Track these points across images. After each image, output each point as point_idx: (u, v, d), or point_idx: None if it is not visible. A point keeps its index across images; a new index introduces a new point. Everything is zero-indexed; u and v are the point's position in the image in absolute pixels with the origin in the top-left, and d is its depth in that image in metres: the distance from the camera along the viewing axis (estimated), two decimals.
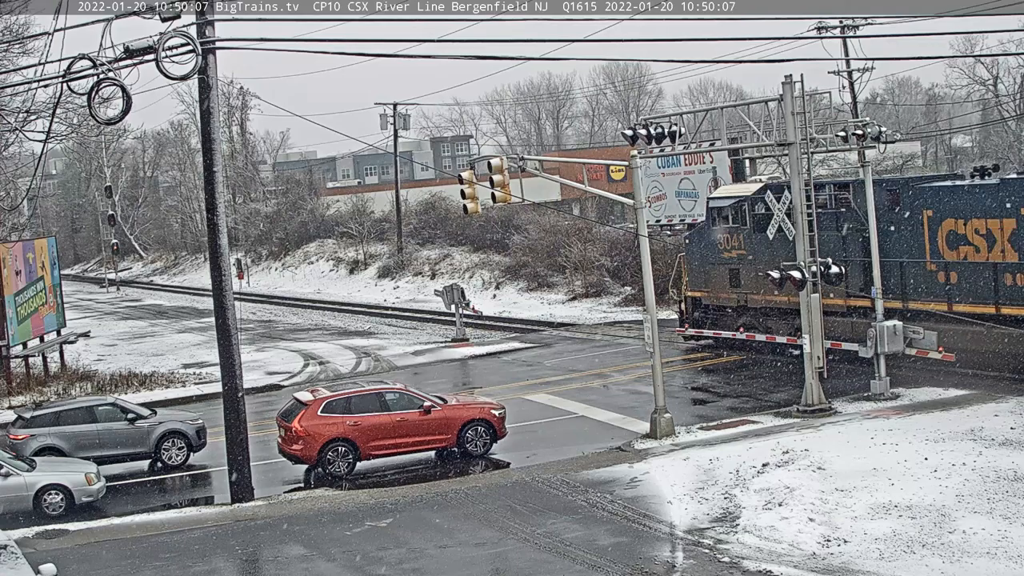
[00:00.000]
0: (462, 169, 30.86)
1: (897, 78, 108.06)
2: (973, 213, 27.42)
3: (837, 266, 25.83)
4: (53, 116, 29.51)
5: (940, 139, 75.75)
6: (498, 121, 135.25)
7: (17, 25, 38.66)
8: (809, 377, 25.51)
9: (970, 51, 71.66)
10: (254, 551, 19.41)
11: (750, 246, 33.21)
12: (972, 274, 27.53)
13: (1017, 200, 26.47)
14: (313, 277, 74.84)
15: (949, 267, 28.04)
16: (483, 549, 18.40)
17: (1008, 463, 19.79)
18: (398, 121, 66.17)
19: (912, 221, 29.02)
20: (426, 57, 23.26)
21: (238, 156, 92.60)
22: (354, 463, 24.20)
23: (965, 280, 27.71)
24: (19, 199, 49.49)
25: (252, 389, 31.15)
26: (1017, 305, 26.44)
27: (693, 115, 37.22)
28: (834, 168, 52.37)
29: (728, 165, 48.28)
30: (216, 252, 22.23)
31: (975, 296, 27.37)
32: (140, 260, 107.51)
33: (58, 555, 18.67)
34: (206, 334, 47.50)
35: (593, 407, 29.05)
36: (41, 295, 38.94)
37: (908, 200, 29.20)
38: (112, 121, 20.24)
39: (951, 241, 28.04)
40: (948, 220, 28.06)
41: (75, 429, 25.49)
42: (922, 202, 28.80)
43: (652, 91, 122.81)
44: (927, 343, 27.33)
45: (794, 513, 18.35)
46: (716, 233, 34.71)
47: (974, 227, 27.42)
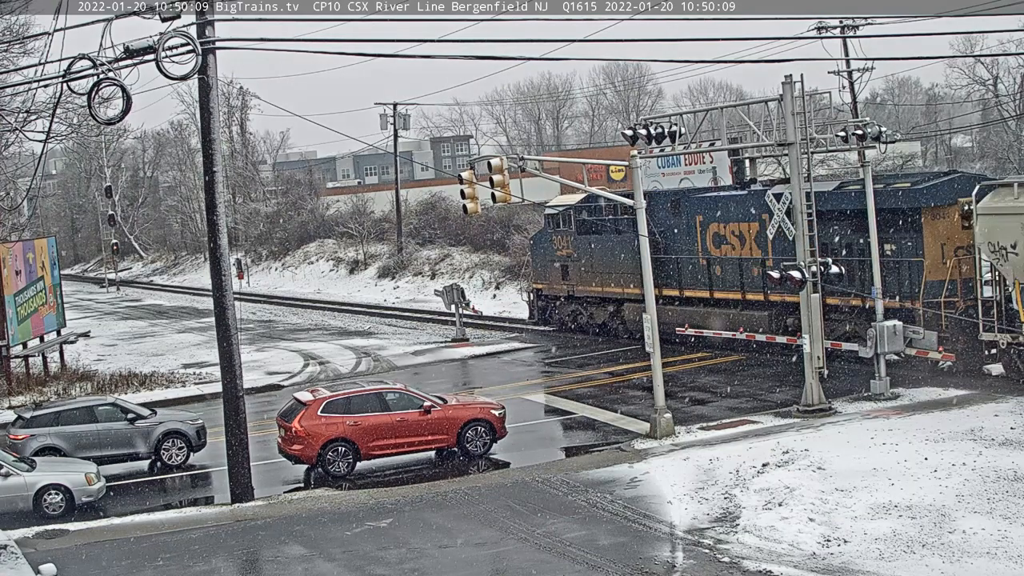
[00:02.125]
0: (462, 169, 30.79)
1: (897, 78, 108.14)
2: (730, 218, 33.73)
3: (837, 266, 25.87)
4: (53, 116, 29.60)
5: (940, 139, 75.74)
6: (498, 121, 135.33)
7: (17, 25, 38.71)
8: (809, 377, 25.52)
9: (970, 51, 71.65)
10: (254, 551, 19.42)
11: (576, 246, 40.20)
12: (729, 267, 34.03)
13: (760, 207, 31.76)
14: (313, 277, 74.83)
15: (713, 262, 34.62)
16: (483, 549, 18.40)
17: (1008, 463, 19.80)
18: (398, 121, 66.16)
19: (688, 224, 35.59)
20: (426, 57, 23.27)
21: (238, 156, 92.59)
22: (354, 463, 24.20)
23: (724, 272, 34.33)
24: (19, 199, 49.52)
25: (252, 389, 31.14)
26: (756, 292, 33.07)
27: (693, 115, 37.24)
28: (834, 168, 52.40)
29: (728, 165, 48.24)
30: (216, 252, 22.22)
31: (730, 285, 34.00)
32: (140, 260, 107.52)
33: (58, 555, 18.68)
34: (206, 334, 47.51)
35: (593, 407, 29.06)
36: (41, 295, 38.94)
37: (685, 207, 35.71)
38: (112, 121, 20.20)
39: (715, 241, 34.58)
40: (713, 224, 34.60)
41: (75, 429, 25.48)
42: (695, 209, 35.23)
43: (652, 91, 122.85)
44: (927, 343, 27.40)
45: (794, 513, 18.36)
46: (551, 236, 41.69)
47: (731, 229, 33.75)
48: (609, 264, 38.72)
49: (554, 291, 42.14)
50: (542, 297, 43.10)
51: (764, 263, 31.99)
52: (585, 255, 39.83)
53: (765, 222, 31.44)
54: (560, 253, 41.16)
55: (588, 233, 39.68)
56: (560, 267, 41.25)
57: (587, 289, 40.15)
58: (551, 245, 41.75)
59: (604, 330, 39.96)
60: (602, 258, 39.11)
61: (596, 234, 39.50)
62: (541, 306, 43.20)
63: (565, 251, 40.85)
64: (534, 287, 43.86)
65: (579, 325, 41.40)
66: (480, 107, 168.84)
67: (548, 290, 42.52)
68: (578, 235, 40.09)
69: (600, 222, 39.70)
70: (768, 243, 32.15)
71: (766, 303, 32.77)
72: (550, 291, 42.43)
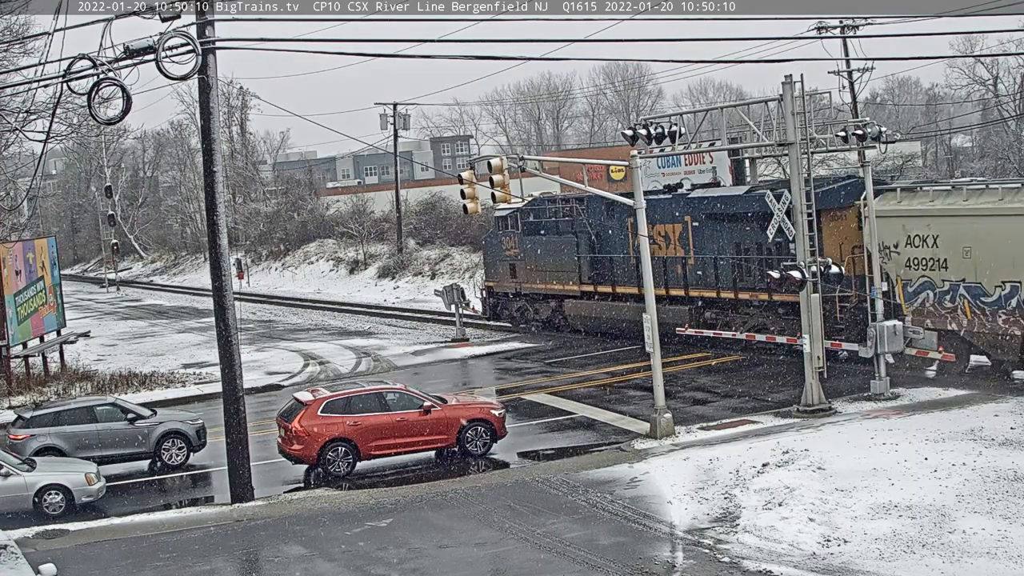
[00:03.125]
0: (462, 169, 30.85)
1: (897, 78, 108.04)
2: (657, 220, 35.02)
3: (836, 266, 25.88)
4: (53, 116, 29.60)
5: (940, 139, 75.67)
6: (498, 121, 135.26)
7: (17, 25, 38.70)
8: (809, 377, 25.51)
9: (970, 51, 71.61)
10: (254, 551, 19.41)
11: (522, 247, 42.79)
12: (656, 266, 33.53)
13: (683, 210, 35.12)
14: (313, 277, 74.83)
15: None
16: (483, 549, 18.40)
17: (1008, 463, 19.80)
18: (398, 121, 66.15)
19: (620, 226, 37.76)
20: (426, 57, 23.26)
21: (238, 156, 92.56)
22: (354, 463, 24.19)
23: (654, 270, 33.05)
24: (19, 199, 49.51)
25: (252, 389, 31.14)
26: (681, 287, 35.69)
27: (693, 115, 37.30)
28: (834, 168, 52.38)
29: (728, 165, 48.25)
30: (216, 252, 22.22)
31: (663, 282, 35.25)
32: (140, 260, 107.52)
33: (58, 555, 18.68)
34: (206, 334, 47.50)
35: (594, 407, 29.06)
36: (41, 295, 38.95)
37: (617, 210, 37.20)
38: (112, 121, 20.21)
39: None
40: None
41: (75, 429, 25.48)
42: (626, 211, 35.98)
43: (652, 91, 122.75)
44: (927, 343, 27.40)
45: (794, 513, 18.36)
46: (501, 237, 44.24)
47: (658, 230, 35.44)
48: (551, 263, 41.30)
49: (504, 288, 44.59)
50: (493, 294, 45.51)
51: (686, 261, 35.28)
52: (530, 255, 42.39)
53: (687, 223, 35.12)
54: (508, 253, 43.69)
55: (533, 234, 42.23)
56: (509, 266, 43.72)
57: (532, 287, 42.61)
58: (500, 246, 44.30)
59: (548, 325, 42.68)
60: (545, 258, 41.64)
61: (540, 235, 42.00)
62: (492, 303, 45.62)
63: (513, 251, 43.40)
64: (486, 285, 46.18)
65: (526, 320, 43.98)
66: (480, 107, 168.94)
67: (498, 287, 44.97)
68: (524, 236, 42.64)
69: (544, 224, 42.22)
70: (690, 242, 35.19)
71: (687, 298, 35.62)
72: (500, 288, 44.87)
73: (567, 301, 41.06)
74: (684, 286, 35.65)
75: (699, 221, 34.89)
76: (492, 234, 45.72)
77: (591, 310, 39.51)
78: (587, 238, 39.41)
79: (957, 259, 27.07)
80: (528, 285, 42.89)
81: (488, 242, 46.03)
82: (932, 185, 30.41)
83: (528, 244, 42.44)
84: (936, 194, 28.60)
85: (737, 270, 33.72)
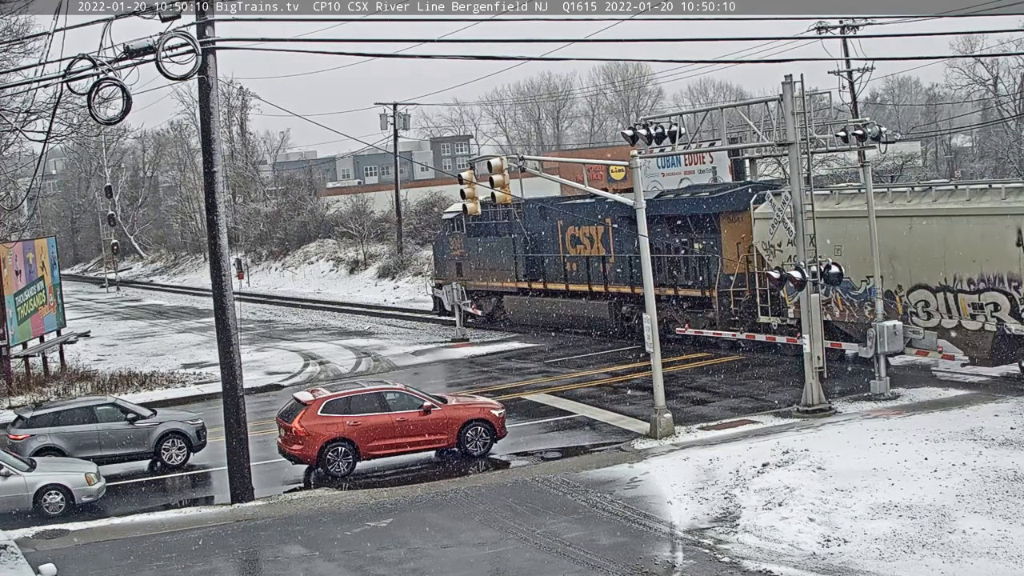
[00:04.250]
0: (462, 169, 30.90)
1: (897, 78, 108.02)
2: (583, 222, 39.27)
3: (836, 266, 25.88)
4: (53, 116, 29.56)
5: (940, 139, 75.69)
6: (498, 121, 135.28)
7: (17, 25, 38.69)
8: (809, 377, 25.51)
9: (970, 51, 71.68)
10: (254, 551, 19.42)
11: (466, 247, 46.12)
12: (581, 264, 39.79)
13: (604, 213, 37.92)
14: (313, 277, 74.82)
15: (568, 259, 40.55)
16: (483, 549, 18.40)
17: (1008, 463, 19.79)
18: (398, 121, 66.12)
19: (552, 228, 41.42)
20: (426, 57, 23.25)
21: (238, 156, 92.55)
22: (354, 463, 24.19)
23: (577, 268, 40.17)
24: (19, 199, 49.47)
25: (252, 389, 31.14)
26: (601, 284, 38.86)
27: (693, 115, 37.22)
28: (834, 168, 52.37)
29: (728, 165, 48.28)
30: (216, 252, 22.22)
31: (586, 279, 39.52)
32: (140, 260, 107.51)
33: (58, 555, 18.68)
34: (206, 334, 47.49)
35: (594, 407, 29.06)
36: (41, 295, 38.94)
37: (549, 213, 41.41)
38: (112, 121, 20.21)
39: (572, 241, 40.42)
40: (571, 227, 40.35)
41: (75, 429, 25.47)
42: (556, 214, 40.94)
43: (652, 91, 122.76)
44: (927, 343, 27.40)
45: (794, 513, 18.36)
46: (448, 238, 47.69)
47: (584, 232, 39.44)
48: (492, 262, 44.68)
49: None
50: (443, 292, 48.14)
51: (606, 260, 38.70)
52: (474, 255, 45.84)
53: (608, 225, 38.29)
54: (454, 253, 47.09)
55: (476, 236, 45.61)
56: (455, 265, 47.05)
57: (476, 284, 45.58)
58: (448, 246, 47.76)
59: (490, 319, 45.75)
60: (487, 257, 45.09)
61: (482, 236, 45.35)
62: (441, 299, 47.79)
63: (458, 251, 46.80)
64: (436, 283, 49.37)
65: (471, 315, 45.56)
66: (480, 107, 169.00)
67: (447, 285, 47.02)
68: (468, 237, 46.04)
69: (486, 225, 45.17)
70: (611, 242, 38.36)
71: (607, 294, 38.92)
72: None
73: (506, 297, 44.44)
74: (604, 283, 38.85)
75: (618, 223, 37.65)
76: (441, 235, 49.19)
77: (526, 305, 43.00)
78: (523, 240, 42.80)
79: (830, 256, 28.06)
80: (472, 282, 45.54)
81: (437, 243, 49.61)
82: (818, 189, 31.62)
83: (472, 245, 45.79)
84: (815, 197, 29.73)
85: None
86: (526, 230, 42.56)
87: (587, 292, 39.61)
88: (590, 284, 39.49)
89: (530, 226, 42.52)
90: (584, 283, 39.77)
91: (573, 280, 40.57)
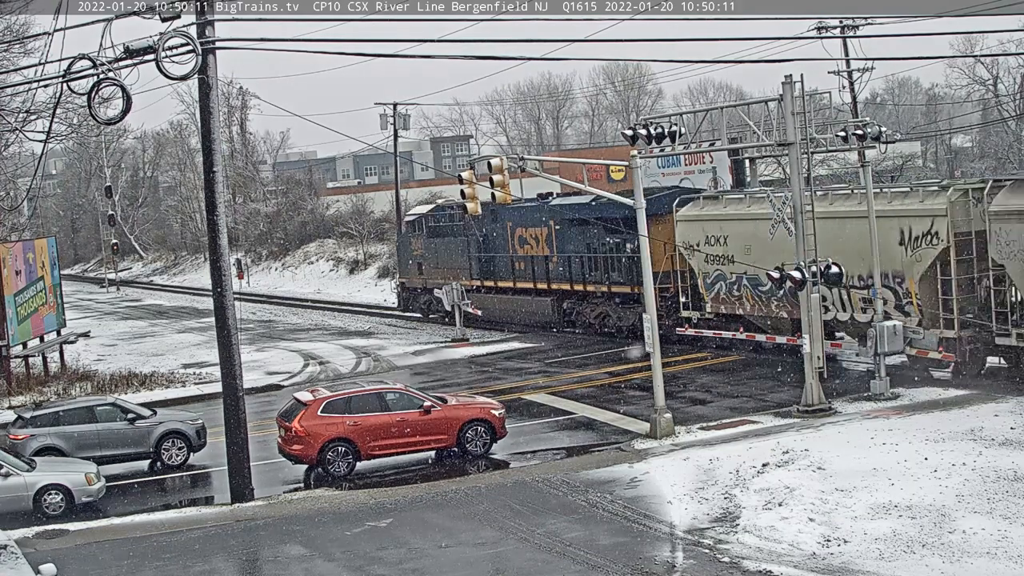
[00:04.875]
0: (462, 169, 30.96)
1: (897, 78, 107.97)
2: (530, 224, 42.12)
3: (836, 266, 25.87)
4: (53, 116, 29.57)
5: (940, 139, 75.67)
6: (498, 121, 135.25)
7: (17, 25, 38.69)
8: (809, 377, 25.50)
9: (970, 51, 71.67)
10: (254, 551, 19.42)
11: (426, 248, 48.78)
12: (527, 263, 42.67)
13: (547, 216, 40.98)
14: (313, 277, 74.82)
15: (516, 259, 43.34)
16: (483, 549, 18.40)
17: (1008, 463, 19.79)
18: (398, 121, 66.06)
19: (502, 230, 43.92)
20: (426, 57, 23.25)
21: (238, 156, 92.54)
22: (354, 463, 24.19)
23: (525, 267, 42.90)
24: (19, 199, 49.48)
25: (252, 389, 31.13)
26: (545, 282, 41.73)
27: (693, 115, 37.27)
28: (834, 168, 52.38)
29: (728, 165, 48.26)
30: (216, 252, 22.22)
31: (531, 277, 42.40)
32: (140, 260, 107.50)
33: (58, 555, 18.67)
34: (206, 334, 47.49)
35: (593, 407, 29.05)
36: (41, 295, 38.94)
37: (500, 216, 43.33)
38: (112, 121, 20.21)
39: (520, 242, 43.06)
40: (519, 229, 42.99)
41: (75, 429, 25.47)
42: (506, 217, 43.03)
43: (652, 91, 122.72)
44: (927, 343, 27.42)
45: (794, 513, 18.35)
46: (410, 239, 50.42)
47: (530, 233, 42.22)
48: (449, 262, 47.07)
49: (413, 284, 50.55)
50: (406, 289, 51.61)
51: (549, 260, 41.33)
52: (433, 255, 48.43)
53: (551, 227, 40.99)
54: (416, 253, 49.77)
55: (435, 237, 48.38)
56: (416, 264, 49.80)
57: (435, 282, 47.53)
58: (410, 247, 50.49)
59: (449, 315, 46.53)
60: (444, 257, 47.61)
61: (440, 237, 48.09)
62: (405, 297, 51.75)
63: (419, 251, 49.45)
64: (400, 281, 52.72)
65: (432, 312, 48.64)
66: (480, 107, 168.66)
67: (409, 283, 51.09)
68: (428, 238, 48.76)
69: (443, 227, 48.06)
70: (554, 243, 41.00)
71: (549, 291, 41.70)
72: (410, 284, 50.92)
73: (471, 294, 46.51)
74: (547, 281, 41.71)
75: (560, 225, 40.59)
76: (403, 236, 52.12)
77: (479, 301, 44.83)
78: (476, 240, 45.39)
79: (741, 255, 31.47)
80: (432, 281, 48.07)
81: (400, 244, 52.71)
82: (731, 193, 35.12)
83: (431, 245, 48.49)
84: (729, 201, 33.52)
85: (586, 267, 39.61)
86: (479, 232, 44.96)
87: (533, 289, 42.46)
88: (535, 282, 42.26)
89: (483, 228, 44.78)
90: (530, 281, 42.59)
91: (520, 278, 43.27)
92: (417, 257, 49.64)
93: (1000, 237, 25.94)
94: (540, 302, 42.08)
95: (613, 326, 38.92)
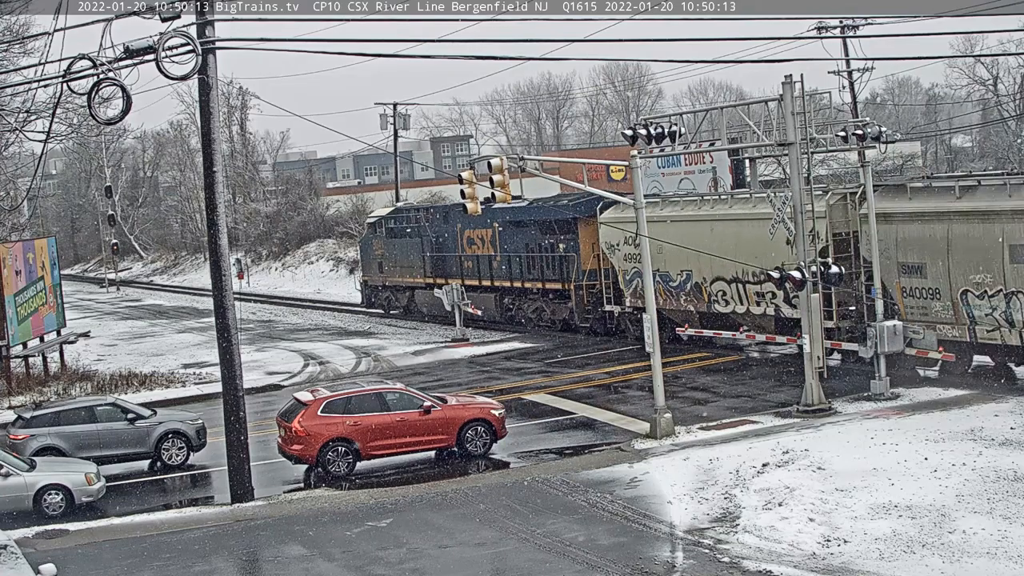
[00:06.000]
0: (462, 169, 31.00)
1: (897, 78, 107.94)
2: (477, 225, 44.04)
3: (836, 266, 25.89)
4: (53, 116, 29.59)
5: (940, 139, 75.72)
6: (498, 121, 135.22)
7: (17, 25, 38.70)
8: (809, 377, 25.51)
9: (970, 51, 71.70)
10: (254, 551, 19.42)
11: (386, 247, 51.66)
12: (476, 262, 45.32)
13: (492, 218, 42.35)
14: (313, 277, 74.77)
15: (465, 259, 45.95)
16: (483, 549, 18.40)
17: (1008, 463, 19.80)
18: (398, 121, 66.05)
19: (452, 231, 46.57)
20: (426, 57, 23.27)
21: (238, 156, 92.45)
22: (354, 463, 24.19)
23: (472, 266, 45.56)
24: (19, 199, 49.48)
25: (252, 389, 31.11)
26: (489, 279, 44.55)
27: (693, 115, 37.35)
28: (834, 168, 52.36)
29: (728, 165, 48.25)
30: (216, 252, 22.22)
31: (477, 275, 45.17)
32: (140, 260, 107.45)
33: (58, 555, 18.69)
34: (206, 334, 47.48)
35: (593, 407, 29.05)
36: (41, 295, 38.94)
37: (451, 217, 46.35)
38: (112, 121, 20.24)
39: (468, 243, 45.63)
40: (467, 230, 45.31)
41: (75, 429, 25.47)
42: (456, 219, 45.44)
43: (652, 91, 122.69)
44: (927, 343, 27.41)
45: (794, 513, 18.36)
46: (371, 239, 53.24)
47: (478, 234, 44.76)
48: (406, 261, 49.91)
49: (375, 282, 53.54)
50: (368, 287, 54.51)
51: (493, 259, 44.02)
52: (392, 254, 51.25)
53: (495, 228, 43.29)
54: (377, 253, 52.56)
55: (393, 237, 51.20)
56: (377, 264, 52.68)
57: (394, 280, 51.47)
58: (371, 247, 53.21)
59: (406, 311, 51.32)
60: (401, 257, 50.36)
61: (398, 238, 50.82)
62: (367, 294, 54.64)
63: (380, 251, 52.22)
64: (363, 279, 55.52)
65: (392, 307, 52.36)
66: (480, 107, 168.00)
67: (371, 281, 53.94)
68: (387, 239, 51.61)
69: (401, 228, 50.71)
70: (497, 244, 43.67)
71: (493, 288, 44.47)
72: (372, 282, 53.87)
73: (417, 291, 49.95)
74: (491, 278, 44.44)
75: (503, 227, 43.06)
76: (365, 237, 54.98)
77: (432, 298, 46.72)
78: (430, 241, 48.17)
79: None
80: (391, 279, 51.67)
81: (363, 244, 55.59)
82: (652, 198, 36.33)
83: (390, 245, 51.33)
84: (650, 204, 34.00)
85: (524, 265, 42.44)
86: (432, 233, 47.86)
87: (479, 287, 45.03)
88: (480, 279, 45.10)
89: (435, 230, 47.74)
90: (476, 279, 45.29)
91: (468, 276, 45.76)
92: (378, 256, 52.45)
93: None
94: (485, 298, 44.62)
95: (548, 320, 42.18)
